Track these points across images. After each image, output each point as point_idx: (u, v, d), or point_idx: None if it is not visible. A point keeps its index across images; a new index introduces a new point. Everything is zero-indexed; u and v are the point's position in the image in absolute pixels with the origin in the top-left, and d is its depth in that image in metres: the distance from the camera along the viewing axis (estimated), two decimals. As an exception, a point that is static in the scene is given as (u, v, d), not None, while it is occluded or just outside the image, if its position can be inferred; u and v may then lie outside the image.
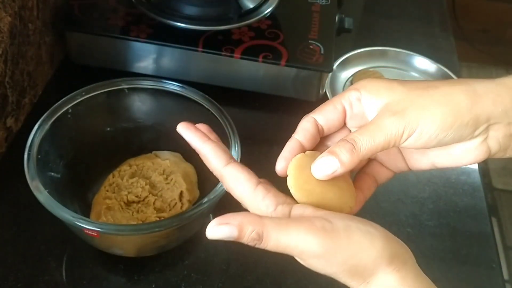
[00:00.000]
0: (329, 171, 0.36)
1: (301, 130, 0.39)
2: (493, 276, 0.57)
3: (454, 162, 0.39)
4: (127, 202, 0.54)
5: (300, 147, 0.39)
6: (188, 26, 0.67)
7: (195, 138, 0.39)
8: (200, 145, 0.38)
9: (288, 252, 0.34)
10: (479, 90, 0.37)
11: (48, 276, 0.52)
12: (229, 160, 0.37)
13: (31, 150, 0.48)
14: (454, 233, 0.61)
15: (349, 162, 0.35)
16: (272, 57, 0.67)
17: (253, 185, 0.36)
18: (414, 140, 0.36)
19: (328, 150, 0.36)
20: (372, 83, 0.39)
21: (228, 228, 0.33)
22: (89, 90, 0.55)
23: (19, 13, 0.60)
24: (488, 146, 0.37)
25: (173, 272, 0.54)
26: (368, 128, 0.36)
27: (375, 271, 0.33)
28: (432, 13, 0.94)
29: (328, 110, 0.40)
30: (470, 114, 0.36)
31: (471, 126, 0.36)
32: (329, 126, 0.40)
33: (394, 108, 0.36)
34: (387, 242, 0.34)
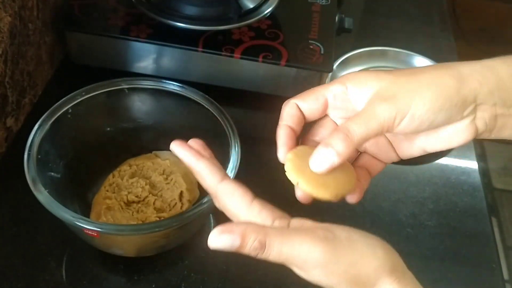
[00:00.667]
0: (327, 164, 0.36)
1: (287, 115, 0.40)
2: (493, 276, 0.57)
3: (444, 145, 0.40)
4: (127, 202, 0.54)
5: (291, 131, 0.39)
6: (188, 26, 0.67)
7: (189, 156, 0.38)
8: (194, 163, 0.38)
9: (290, 263, 0.34)
10: (465, 71, 0.37)
11: (48, 276, 0.52)
12: (223, 177, 0.37)
13: (31, 150, 0.48)
14: (454, 233, 0.60)
15: (345, 151, 0.35)
16: (272, 57, 0.67)
17: (248, 200, 0.36)
18: (406, 124, 0.36)
19: (323, 142, 0.36)
20: (359, 76, 0.39)
21: (230, 237, 0.33)
22: (89, 90, 0.55)
23: (19, 13, 0.60)
24: (476, 126, 0.38)
25: (173, 272, 0.54)
26: (360, 115, 0.36)
27: (376, 281, 0.33)
28: (432, 13, 0.94)
29: (310, 98, 0.40)
30: (458, 95, 0.36)
31: (460, 106, 0.37)
32: (310, 113, 0.41)
33: (384, 94, 0.36)
34: (388, 252, 0.34)
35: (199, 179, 0.38)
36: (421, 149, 0.41)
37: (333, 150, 0.35)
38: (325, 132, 0.42)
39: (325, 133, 0.42)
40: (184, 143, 0.39)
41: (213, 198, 0.38)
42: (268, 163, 0.65)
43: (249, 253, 0.33)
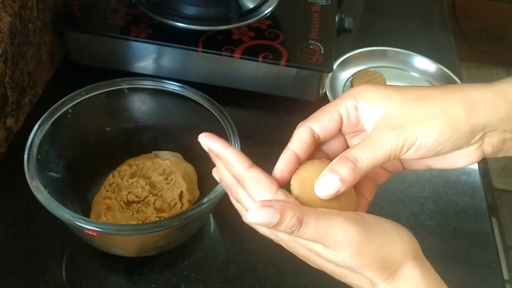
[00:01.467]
0: (332, 191, 0.36)
1: (297, 140, 0.39)
2: (493, 276, 0.57)
3: (449, 165, 0.40)
4: (127, 202, 0.54)
5: (295, 158, 0.38)
6: (188, 26, 0.67)
7: (217, 144, 0.39)
8: (223, 151, 0.38)
9: (323, 242, 0.34)
10: (475, 99, 0.37)
11: (48, 276, 0.52)
12: (251, 165, 0.37)
13: (31, 150, 0.48)
14: (454, 233, 0.61)
15: (351, 180, 0.36)
16: (272, 57, 0.67)
17: (274, 189, 0.36)
18: (412, 152, 0.36)
19: (329, 168, 0.36)
20: (368, 91, 0.39)
21: (270, 212, 0.33)
22: (89, 90, 0.55)
23: (19, 13, 0.60)
24: (483, 150, 0.38)
25: (173, 272, 0.54)
26: (368, 144, 0.36)
27: (401, 265, 0.34)
28: (432, 13, 0.94)
29: (325, 118, 0.39)
30: (467, 125, 0.36)
31: (468, 136, 0.37)
32: (325, 134, 0.39)
33: (392, 122, 0.36)
34: (412, 238, 0.36)
35: (227, 166, 0.38)
36: (426, 165, 0.41)
37: (339, 178, 0.35)
38: (333, 145, 0.41)
39: (334, 146, 0.41)
40: (212, 134, 0.40)
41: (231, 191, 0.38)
42: (268, 163, 0.65)
43: (285, 230, 0.33)
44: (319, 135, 0.39)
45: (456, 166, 0.39)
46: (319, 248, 0.35)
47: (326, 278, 0.38)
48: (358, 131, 0.41)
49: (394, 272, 0.34)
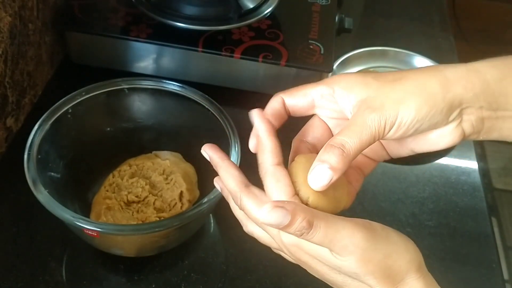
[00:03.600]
0: (325, 181, 0.36)
1: (270, 108, 0.41)
2: (493, 276, 0.57)
3: (431, 147, 0.40)
4: (127, 202, 0.54)
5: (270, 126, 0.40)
6: (188, 26, 0.67)
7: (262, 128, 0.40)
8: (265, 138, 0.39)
9: (331, 246, 0.34)
10: (450, 76, 0.38)
11: (48, 276, 0.52)
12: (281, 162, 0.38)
13: (31, 150, 0.48)
14: (454, 233, 0.60)
15: (342, 167, 0.36)
16: (272, 57, 0.67)
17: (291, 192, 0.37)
18: (393, 131, 0.37)
19: (318, 158, 0.36)
20: (346, 79, 0.40)
21: (282, 213, 0.33)
22: (89, 90, 0.55)
23: (19, 13, 0.60)
24: (463, 129, 0.38)
25: (173, 272, 0.54)
26: (352, 128, 0.37)
27: (405, 276, 0.35)
28: (432, 13, 0.94)
29: (298, 95, 0.41)
30: (444, 101, 0.37)
31: (446, 112, 0.37)
32: (295, 110, 0.42)
33: (372, 104, 0.37)
34: (417, 250, 0.36)
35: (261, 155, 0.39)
36: (409, 149, 0.42)
37: (330, 167, 0.35)
38: (316, 132, 0.43)
39: (316, 134, 0.42)
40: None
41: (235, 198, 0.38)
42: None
43: (295, 232, 0.34)
44: (290, 109, 0.41)
45: (439, 147, 0.40)
46: (325, 253, 0.35)
47: (326, 278, 0.38)
48: (338, 118, 0.42)
49: (398, 282, 0.34)
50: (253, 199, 0.37)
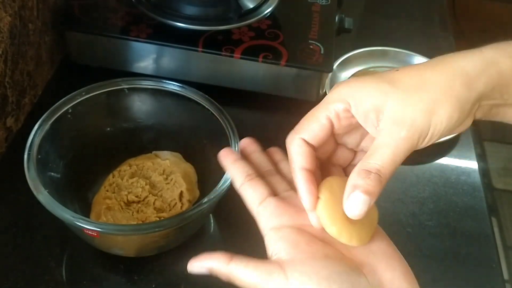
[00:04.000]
0: (364, 208, 0.35)
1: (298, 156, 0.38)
2: (493, 276, 0.57)
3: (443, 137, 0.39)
4: (127, 202, 0.54)
5: (309, 174, 0.37)
6: (188, 26, 0.67)
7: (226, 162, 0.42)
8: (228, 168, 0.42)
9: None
10: (471, 72, 0.36)
11: (48, 276, 0.52)
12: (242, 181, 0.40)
13: (31, 150, 0.48)
14: (454, 233, 0.60)
15: (378, 192, 0.35)
16: (272, 57, 0.67)
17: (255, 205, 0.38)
18: (426, 142, 0.36)
19: (353, 184, 0.35)
20: (360, 90, 0.37)
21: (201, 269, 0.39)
22: (89, 90, 0.55)
23: (19, 13, 0.60)
24: (474, 116, 0.38)
25: (173, 272, 0.54)
26: (386, 151, 0.35)
27: None
28: (432, 13, 0.94)
29: (314, 127, 0.38)
30: (469, 103, 0.36)
31: (470, 112, 0.37)
32: (317, 142, 0.38)
33: (400, 120, 0.35)
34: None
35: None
36: None
37: (367, 193, 0.34)
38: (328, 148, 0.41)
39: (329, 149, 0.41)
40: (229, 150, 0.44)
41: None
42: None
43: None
44: (313, 144, 0.38)
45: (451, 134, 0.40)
46: None
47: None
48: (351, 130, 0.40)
49: None
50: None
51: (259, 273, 0.35)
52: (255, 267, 0.36)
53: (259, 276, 0.35)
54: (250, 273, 0.36)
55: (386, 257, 0.37)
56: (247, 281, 0.36)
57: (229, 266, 0.36)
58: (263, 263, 0.36)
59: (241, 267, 0.36)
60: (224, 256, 0.37)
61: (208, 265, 0.38)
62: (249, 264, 0.36)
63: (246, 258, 0.36)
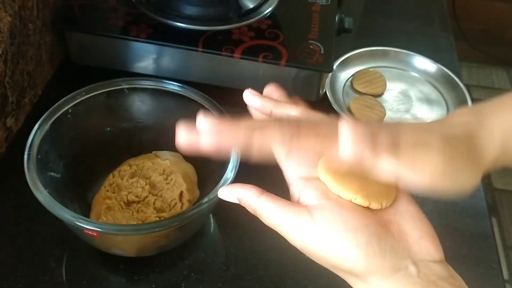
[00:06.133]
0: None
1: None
2: (493, 276, 0.57)
3: None
4: (127, 202, 0.54)
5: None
6: (188, 26, 0.67)
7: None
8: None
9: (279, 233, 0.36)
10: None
11: (48, 276, 0.52)
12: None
13: (31, 150, 0.48)
14: (454, 233, 0.60)
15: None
16: (272, 57, 0.67)
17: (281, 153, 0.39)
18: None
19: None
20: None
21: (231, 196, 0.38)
22: (89, 90, 0.55)
23: (19, 13, 0.60)
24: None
25: (173, 272, 0.54)
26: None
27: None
28: (432, 13, 0.94)
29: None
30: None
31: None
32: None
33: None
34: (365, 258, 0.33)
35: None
36: None
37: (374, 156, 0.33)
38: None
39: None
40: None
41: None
42: (268, 163, 0.65)
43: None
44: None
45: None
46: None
47: (326, 279, 0.38)
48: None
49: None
50: None
51: (286, 212, 0.35)
52: (284, 206, 0.35)
53: (286, 215, 0.35)
54: (278, 211, 0.35)
55: (414, 219, 0.37)
56: (273, 218, 0.35)
57: (259, 199, 0.36)
58: (292, 204, 0.36)
59: (270, 203, 0.36)
60: (256, 188, 0.37)
61: (239, 194, 0.37)
62: (278, 202, 0.36)
63: (276, 197, 0.36)
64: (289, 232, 0.35)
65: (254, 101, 0.43)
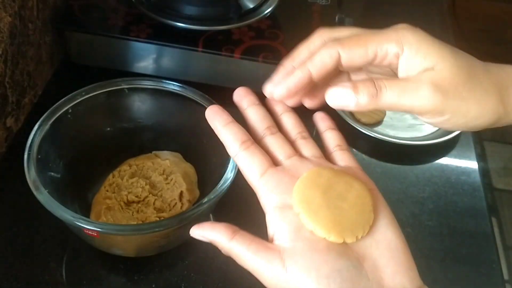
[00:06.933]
0: (341, 104, 0.34)
1: (320, 63, 0.36)
2: (493, 276, 0.57)
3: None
4: (127, 202, 0.54)
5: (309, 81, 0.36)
6: (188, 26, 0.67)
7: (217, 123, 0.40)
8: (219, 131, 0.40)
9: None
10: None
11: (48, 276, 0.52)
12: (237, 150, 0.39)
13: (31, 150, 0.48)
14: (454, 233, 0.60)
15: (364, 106, 0.34)
16: (272, 57, 0.67)
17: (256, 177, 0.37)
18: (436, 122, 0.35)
19: (352, 83, 0.34)
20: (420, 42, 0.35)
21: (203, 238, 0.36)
22: (89, 90, 0.55)
23: (19, 13, 0.60)
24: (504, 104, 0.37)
25: (173, 272, 0.54)
26: (401, 84, 0.34)
27: None
28: (432, 13, 0.94)
29: (359, 52, 0.36)
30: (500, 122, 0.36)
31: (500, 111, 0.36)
32: (350, 66, 0.37)
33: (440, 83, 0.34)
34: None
35: None
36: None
37: (356, 98, 0.33)
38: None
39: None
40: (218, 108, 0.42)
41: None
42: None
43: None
44: (343, 63, 0.36)
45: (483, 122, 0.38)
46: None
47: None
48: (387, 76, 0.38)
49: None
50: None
51: (259, 259, 0.34)
52: (256, 252, 0.34)
53: (258, 262, 0.34)
54: (250, 257, 0.34)
55: (390, 248, 0.35)
56: (246, 263, 0.35)
57: (231, 243, 0.35)
58: (264, 248, 0.35)
59: (243, 247, 0.34)
60: (227, 230, 0.35)
61: (210, 237, 0.36)
62: (251, 246, 0.35)
63: (249, 238, 0.35)
64: (262, 278, 0.34)
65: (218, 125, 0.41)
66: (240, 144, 0.38)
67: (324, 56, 0.36)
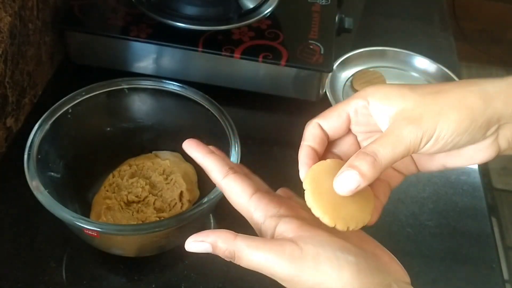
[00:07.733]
0: (352, 187, 0.35)
1: (310, 135, 0.40)
2: (493, 276, 0.57)
3: (465, 162, 0.39)
4: (127, 202, 0.54)
5: (313, 151, 0.39)
6: (188, 26, 0.67)
7: (198, 153, 0.40)
8: (201, 159, 0.40)
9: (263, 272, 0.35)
10: (490, 90, 0.37)
11: (48, 276, 0.52)
12: (227, 173, 0.39)
13: (31, 150, 0.48)
14: (454, 233, 0.61)
15: (371, 175, 0.35)
16: (272, 57, 0.67)
17: (247, 196, 0.37)
18: (430, 145, 0.36)
19: (348, 163, 0.35)
20: (381, 91, 0.38)
21: (202, 246, 0.36)
22: (89, 90, 0.55)
23: (19, 13, 0.60)
24: (498, 145, 0.38)
25: (173, 272, 0.54)
26: (387, 139, 0.36)
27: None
28: (432, 13, 0.94)
29: (332, 116, 0.40)
30: (483, 116, 0.36)
31: (484, 128, 0.36)
32: (333, 132, 0.40)
33: (410, 116, 0.36)
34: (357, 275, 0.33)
35: (208, 174, 0.40)
36: (441, 164, 0.41)
37: (359, 174, 0.35)
38: (344, 146, 0.42)
39: (345, 147, 0.42)
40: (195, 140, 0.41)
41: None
42: (268, 163, 0.65)
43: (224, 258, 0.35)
44: (328, 133, 0.40)
45: (473, 162, 0.39)
46: None
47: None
48: (370, 132, 0.41)
49: None
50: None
51: (270, 247, 0.34)
52: (264, 242, 0.34)
53: (270, 249, 0.34)
54: (259, 247, 0.34)
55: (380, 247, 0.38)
56: (256, 256, 0.34)
57: (236, 242, 0.34)
58: (271, 239, 0.35)
59: (249, 242, 0.34)
60: (229, 232, 0.35)
61: (212, 239, 0.35)
62: (257, 239, 0.34)
63: (252, 236, 0.35)
64: (276, 266, 0.34)
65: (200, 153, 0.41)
66: (228, 169, 0.39)
67: (309, 129, 0.40)
